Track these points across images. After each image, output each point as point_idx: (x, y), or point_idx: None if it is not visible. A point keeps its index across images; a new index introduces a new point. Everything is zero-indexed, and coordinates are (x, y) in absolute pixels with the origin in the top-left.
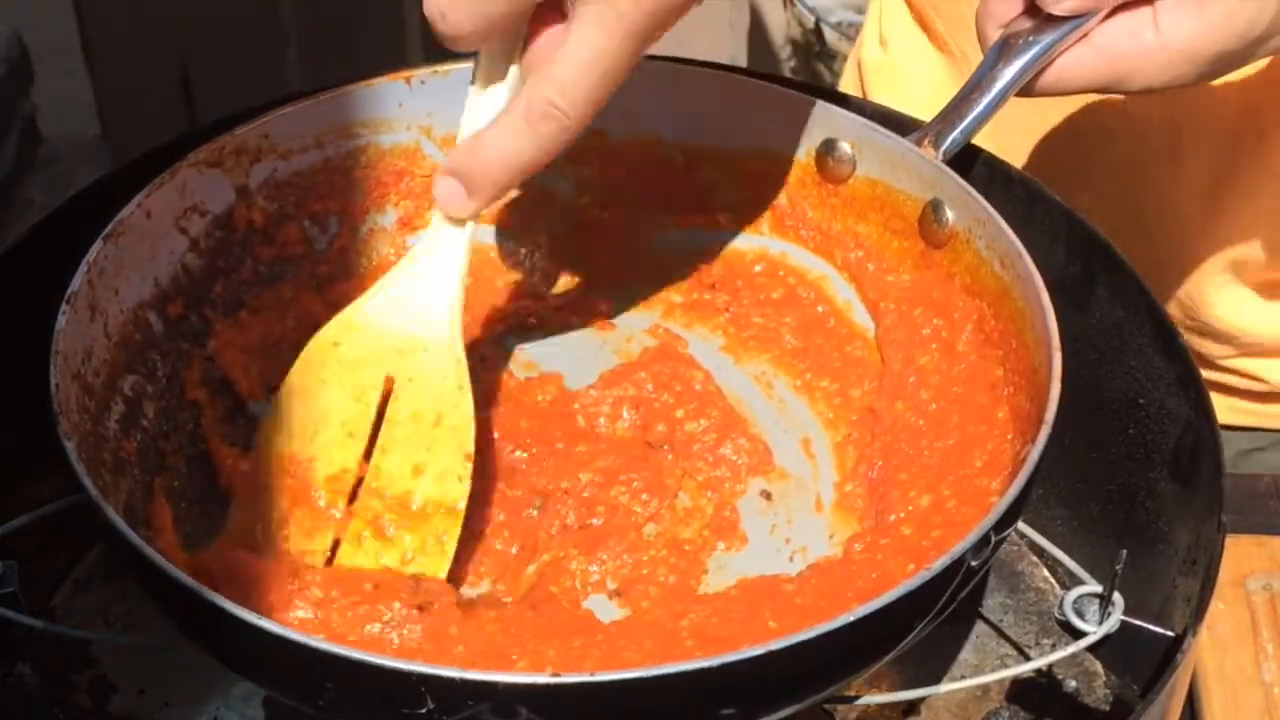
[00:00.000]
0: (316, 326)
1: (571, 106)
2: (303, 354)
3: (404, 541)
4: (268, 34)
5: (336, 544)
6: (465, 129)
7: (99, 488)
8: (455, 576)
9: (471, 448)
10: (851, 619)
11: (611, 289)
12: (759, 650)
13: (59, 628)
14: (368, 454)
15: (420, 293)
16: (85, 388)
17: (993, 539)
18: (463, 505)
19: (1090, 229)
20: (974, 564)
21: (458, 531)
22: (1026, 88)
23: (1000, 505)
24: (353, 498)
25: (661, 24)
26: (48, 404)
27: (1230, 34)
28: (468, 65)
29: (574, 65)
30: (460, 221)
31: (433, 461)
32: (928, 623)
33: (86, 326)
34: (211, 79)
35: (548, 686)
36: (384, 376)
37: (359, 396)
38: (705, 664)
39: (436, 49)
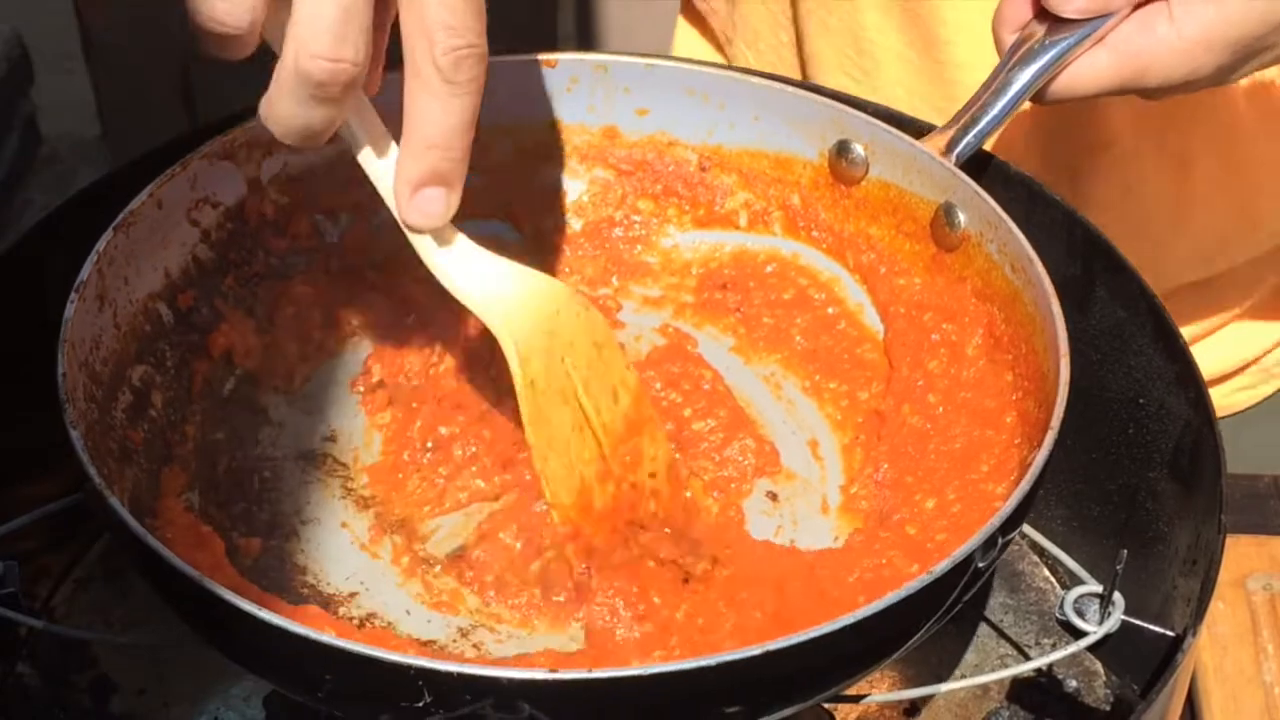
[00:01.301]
0: (328, 319)
1: (468, 33)
2: (524, 415)
3: (646, 452)
4: None
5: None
6: (384, 187)
7: (104, 476)
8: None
9: (618, 339)
10: (856, 619)
11: (622, 287)
12: (762, 649)
13: (59, 628)
14: (590, 426)
15: (503, 292)
16: (93, 376)
17: (999, 541)
18: (638, 383)
19: (1091, 229)
20: (981, 565)
21: (651, 407)
22: (1041, 93)
23: (1007, 507)
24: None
25: None
26: (54, 392)
27: (1247, 19)
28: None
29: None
30: (443, 237)
31: (614, 377)
32: (934, 623)
33: (95, 316)
34: (211, 79)
35: (546, 682)
36: (560, 362)
37: (565, 400)
38: (705, 662)
39: None
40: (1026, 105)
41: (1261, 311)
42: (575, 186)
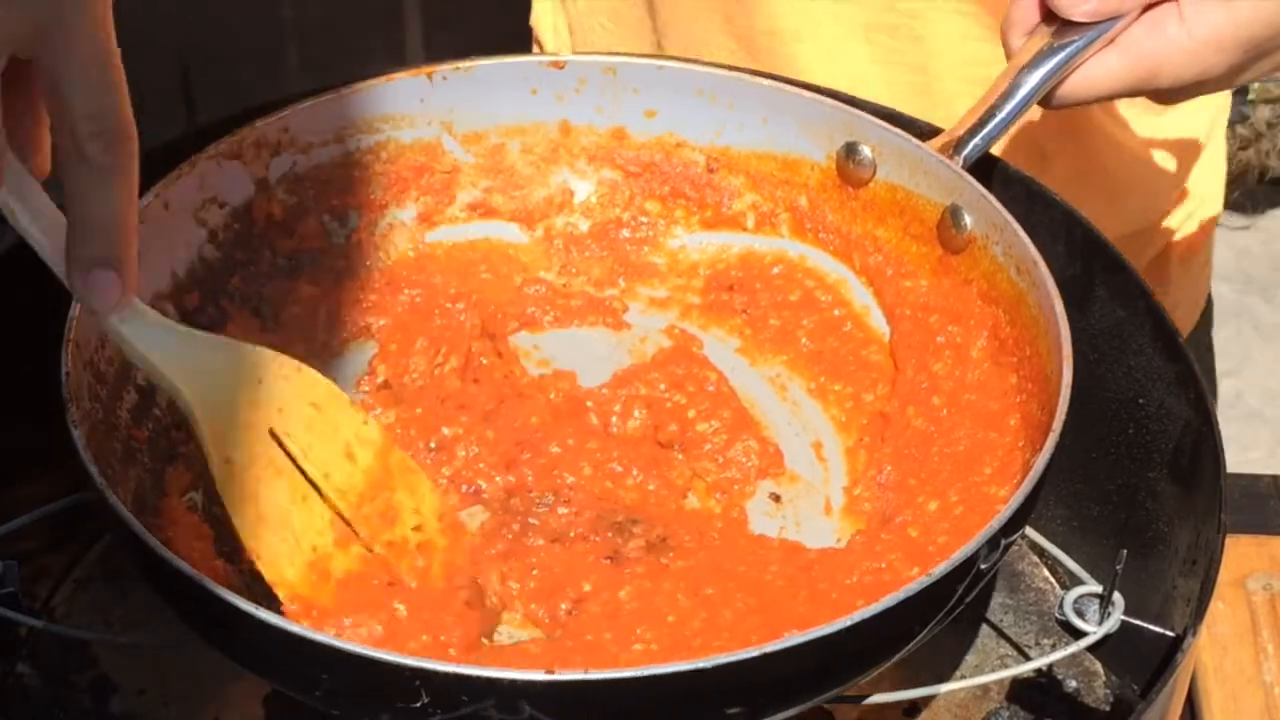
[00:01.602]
0: (333, 319)
1: (110, 116)
2: (224, 499)
3: (403, 507)
4: (268, 34)
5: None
6: (58, 270)
7: (106, 476)
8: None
9: (344, 394)
10: (857, 620)
11: (628, 288)
12: (761, 651)
13: (59, 628)
14: (319, 491)
15: (197, 366)
16: (98, 376)
17: (1001, 543)
18: (385, 434)
19: (1090, 229)
20: (983, 567)
21: (402, 454)
22: (1049, 96)
23: (1008, 509)
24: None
25: None
26: (56, 392)
27: (1257, 20)
28: (491, 61)
29: (70, 80)
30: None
31: (346, 435)
32: (935, 625)
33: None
34: (211, 79)
35: (545, 684)
36: (267, 434)
37: (279, 471)
38: (704, 664)
39: (436, 48)
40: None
41: None
42: (583, 187)
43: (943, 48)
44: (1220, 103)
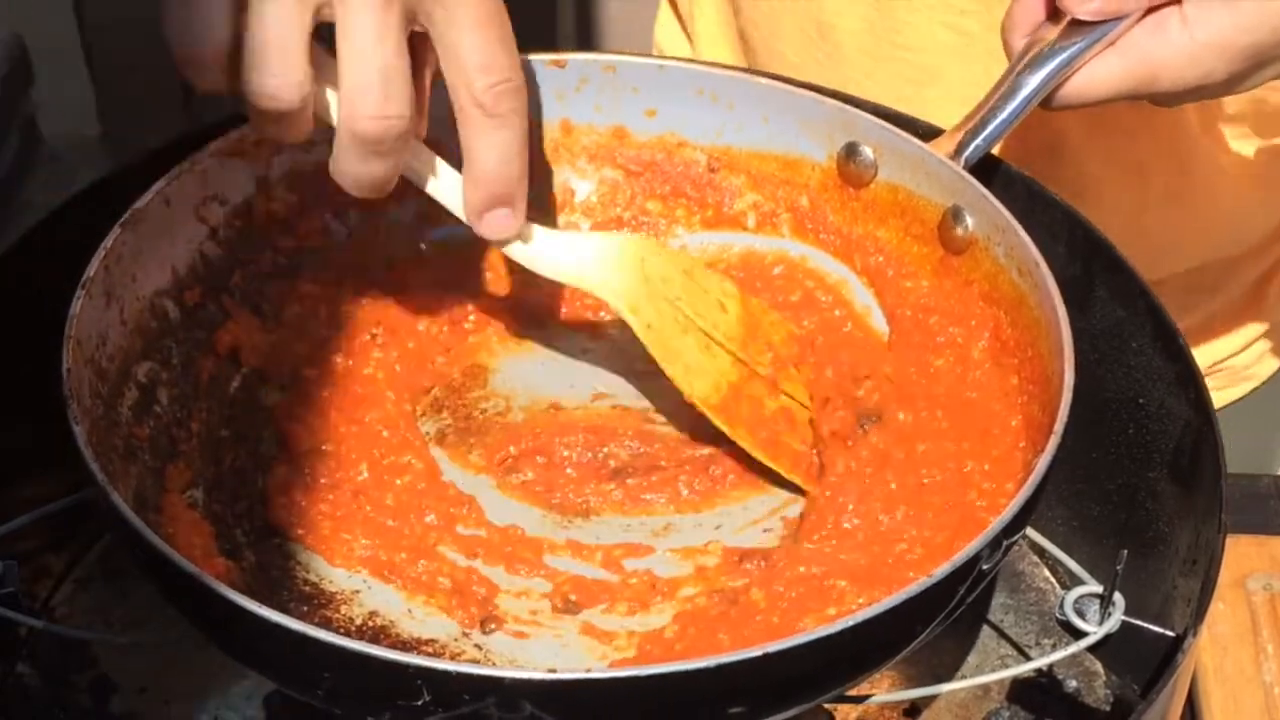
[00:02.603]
0: (334, 318)
1: (502, 70)
2: (658, 360)
3: (773, 341)
4: None
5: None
6: (457, 211)
7: (107, 473)
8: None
9: (698, 259)
10: (859, 620)
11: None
12: (763, 651)
13: (59, 628)
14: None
15: (592, 264)
16: (99, 373)
17: (1003, 544)
18: (738, 288)
19: (1090, 229)
20: (985, 567)
21: (757, 300)
22: (1050, 98)
23: (1009, 510)
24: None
25: None
26: (56, 392)
27: (1261, 26)
28: None
29: (466, 40)
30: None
31: (713, 292)
32: (937, 625)
33: (102, 312)
34: None
35: (546, 683)
36: (665, 300)
37: (685, 329)
38: (706, 664)
39: None
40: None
41: (1229, 315)
42: (584, 187)
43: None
44: None
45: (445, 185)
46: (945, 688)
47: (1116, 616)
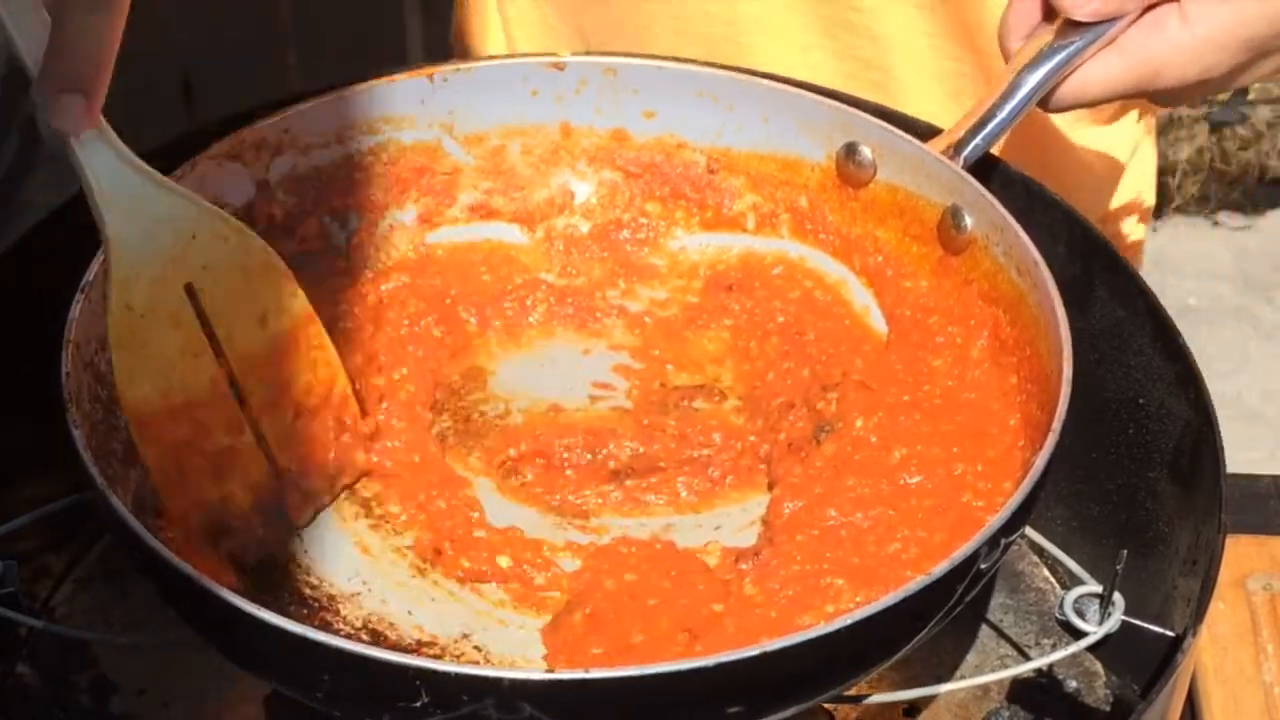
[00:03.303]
0: (333, 321)
1: None
2: (110, 336)
3: (298, 378)
4: (267, 34)
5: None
6: (30, 61)
7: (107, 477)
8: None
9: (284, 266)
10: (857, 619)
11: (629, 289)
12: (760, 650)
13: (59, 628)
14: (218, 353)
15: (135, 205)
16: (98, 377)
17: (1001, 542)
18: (310, 309)
19: (1090, 229)
20: (983, 566)
21: (323, 330)
22: (1049, 98)
23: (1007, 509)
24: (240, 397)
25: None
26: (56, 392)
27: (1260, 18)
28: (492, 63)
29: None
30: (96, 129)
31: (267, 303)
32: (935, 624)
33: (101, 316)
34: (211, 79)
35: (544, 683)
36: (181, 289)
37: (176, 323)
38: (705, 663)
39: (436, 48)
40: None
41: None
42: (583, 189)
43: (898, 45)
44: (1141, 130)
45: (32, 53)
46: (945, 688)
47: (1116, 616)
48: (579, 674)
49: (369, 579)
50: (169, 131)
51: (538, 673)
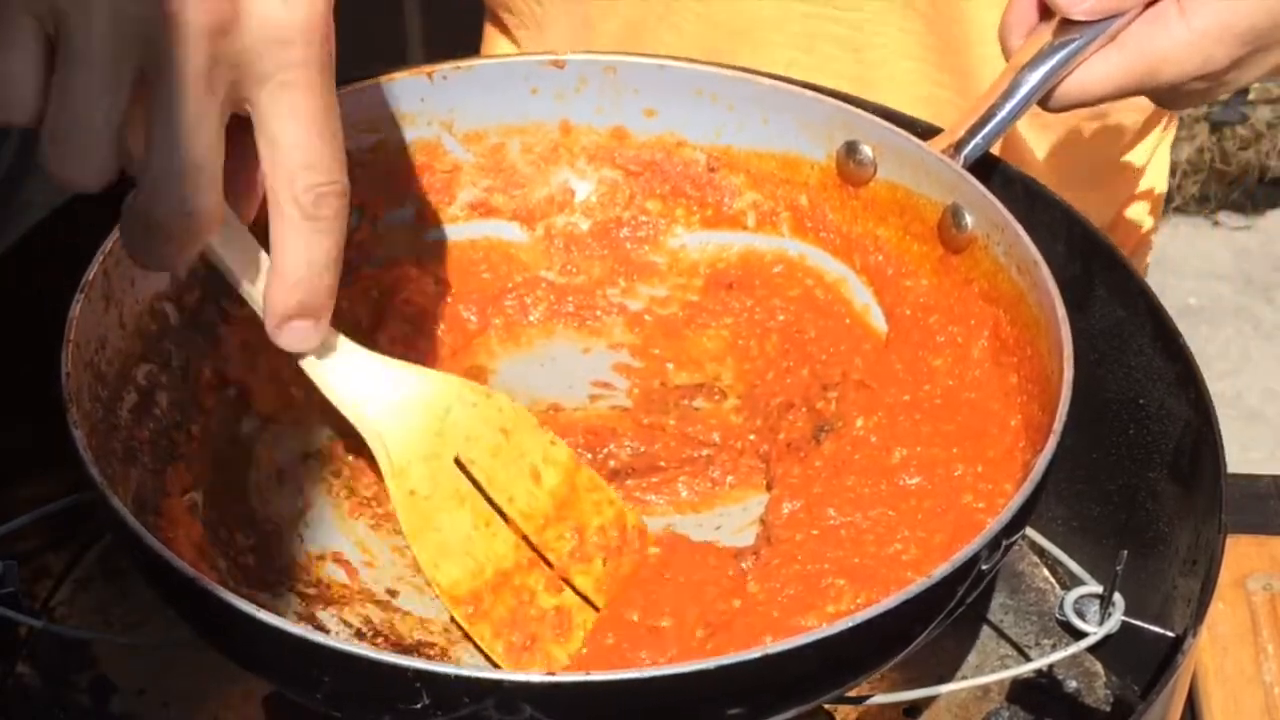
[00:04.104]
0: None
1: (328, 170)
2: (404, 528)
3: (590, 523)
4: None
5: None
6: (259, 309)
7: (107, 477)
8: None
9: (532, 417)
10: (858, 621)
11: (629, 287)
12: (762, 653)
13: (59, 628)
14: (505, 519)
15: (383, 399)
16: (98, 376)
17: (1003, 544)
18: (574, 454)
19: (1090, 229)
20: (984, 568)
21: (593, 472)
22: (1049, 97)
23: (1008, 510)
24: (543, 557)
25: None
26: (56, 392)
27: (1257, 11)
28: (492, 61)
29: (290, 132)
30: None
31: (533, 458)
32: (936, 625)
33: (101, 316)
34: None
35: (546, 685)
36: (451, 464)
37: (461, 500)
38: (706, 665)
39: (436, 48)
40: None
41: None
42: (583, 187)
43: (882, 64)
44: (1161, 128)
45: (253, 279)
46: (945, 688)
47: (1116, 617)
48: (580, 676)
49: (369, 579)
50: None
51: (538, 675)
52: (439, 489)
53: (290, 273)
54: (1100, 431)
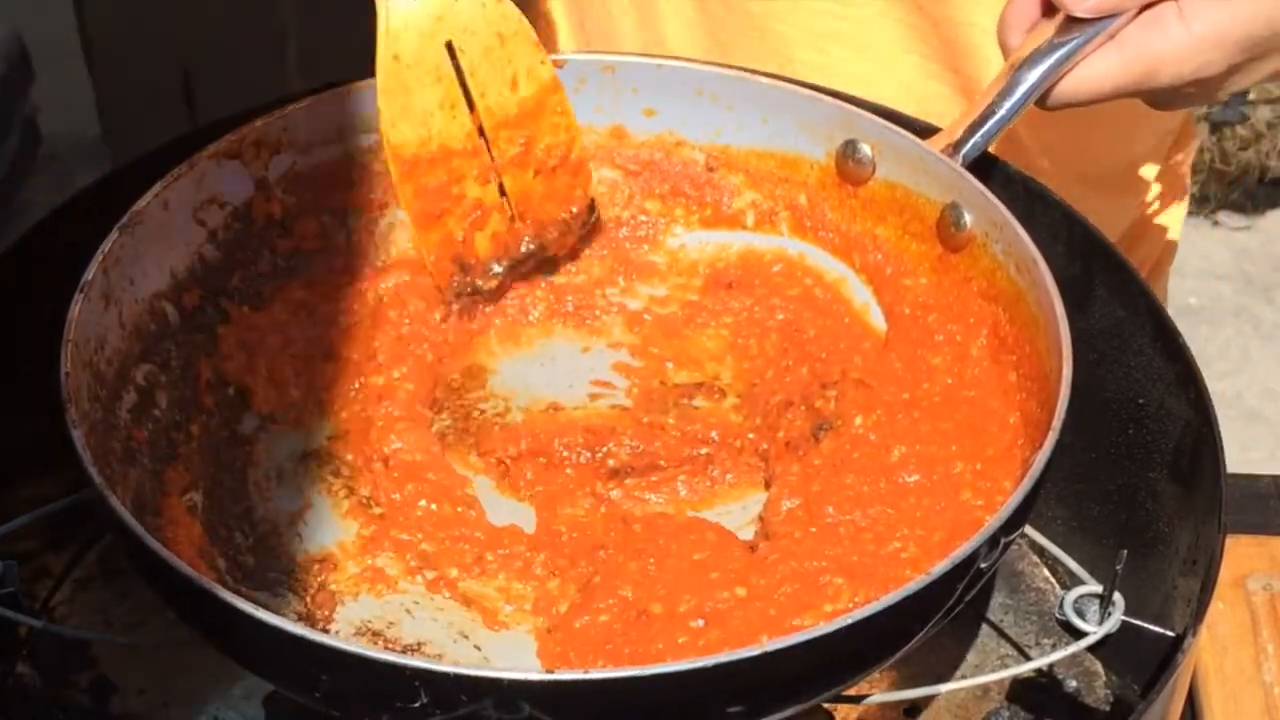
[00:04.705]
0: (333, 319)
1: None
2: (378, 84)
3: (541, 139)
4: (268, 34)
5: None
6: None
7: (106, 477)
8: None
9: (533, 34)
10: (856, 619)
11: (628, 287)
12: (760, 650)
13: (59, 628)
14: (471, 108)
15: None
16: (97, 376)
17: (1001, 541)
18: (557, 77)
19: (1090, 229)
20: (983, 565)
21: (566, 97)
22: (1047, 96)
23: (1006, 508)
24: (489, 149)
25: None
26: (56, 392)
27: (1256, 19)
28: None
29: None
30: None
31: (518, 67)
32: (935, 624)
33: (100, 315)
34: (211, 79)
35: (544, 684)
36: (443, 45)
37: (438, 78)
38: (705, 663)
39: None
40: None
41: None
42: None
43: (883, 62)
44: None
45: None
46: (945, 688)
47: (1116, 616)
48: (578, 674)
49: (367, 577)
50: (169, 131)
51: (536, 673)
52: (422, 62)
53: None
54: (1100, 431)
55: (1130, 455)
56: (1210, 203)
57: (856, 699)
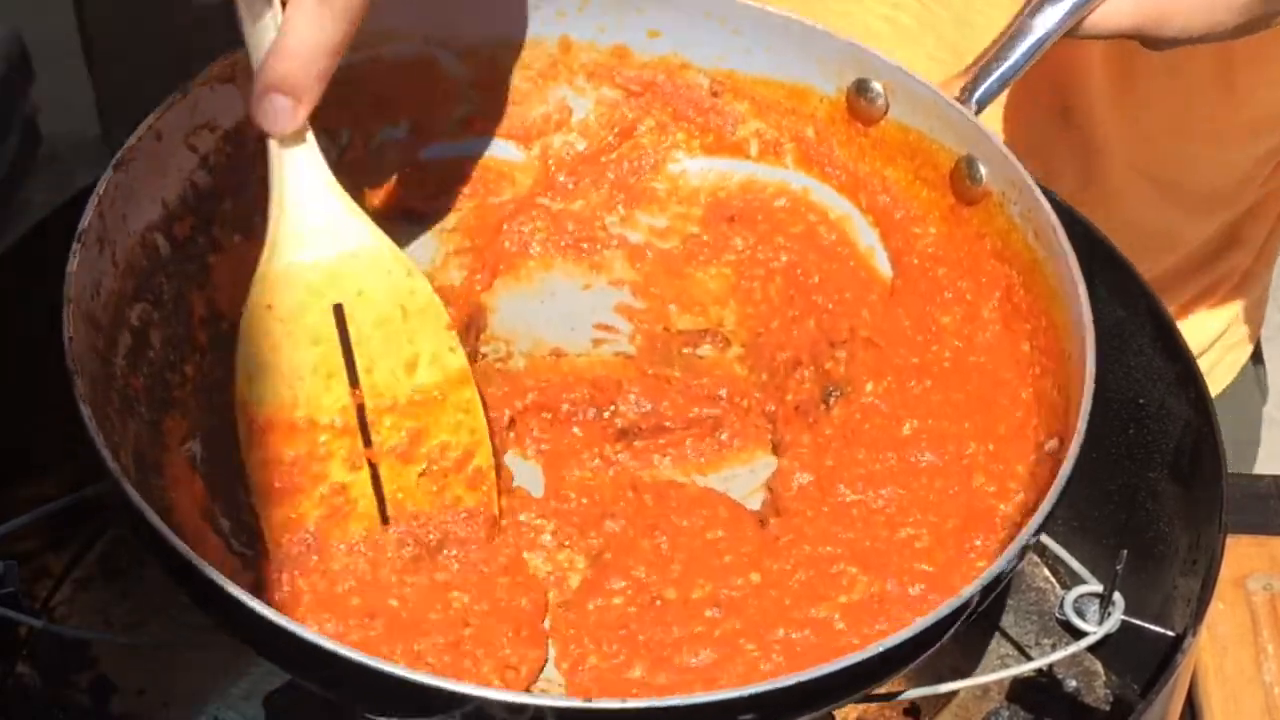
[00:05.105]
0: None
1: None
2: (241, 330)
3: (435, 436)
4: None
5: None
6: (256, 58)
7: (107, 437)
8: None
9: (447, 318)
10: (890, 645)
11: (628, 215)
12: (796, 679)
13: (59, 628)
14: (354, 383)
15: (312, 216)
16: (94, 324)
17: (1028, 551)
18: (467, 370)
19: (1091, 228)
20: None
21: (477, 397)
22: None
23: (1036, 518)
24: (365, 433)
25: None
26: (55, 393)
27: None
28: None
29: None
30: (299, 134)
31: (420, 349)
32: (951, 633)
33: (95, 260)
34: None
35: (541, 707)
36: (330, 307)
37: (315, 340)
38: (735, 694)
39: None
40: None
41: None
42: (582, 105)
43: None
44: None
45: (259, 47)
46: (945, 687)
47: (1116, 616)
48: (583, 703)
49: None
50: None
51: (572, 700)
52: (298, 319)
53: (288, 48)
54: (1100, 431)
55: (1130, 455)
56: None
57: (857, 699)
